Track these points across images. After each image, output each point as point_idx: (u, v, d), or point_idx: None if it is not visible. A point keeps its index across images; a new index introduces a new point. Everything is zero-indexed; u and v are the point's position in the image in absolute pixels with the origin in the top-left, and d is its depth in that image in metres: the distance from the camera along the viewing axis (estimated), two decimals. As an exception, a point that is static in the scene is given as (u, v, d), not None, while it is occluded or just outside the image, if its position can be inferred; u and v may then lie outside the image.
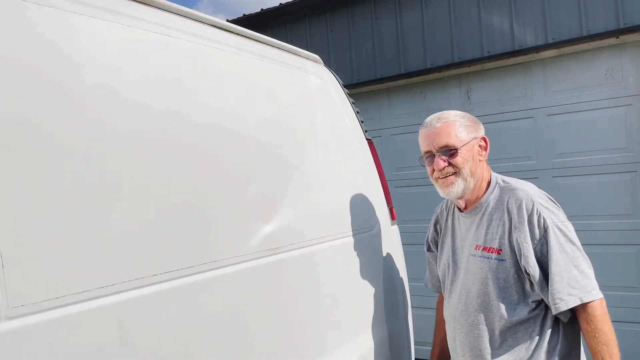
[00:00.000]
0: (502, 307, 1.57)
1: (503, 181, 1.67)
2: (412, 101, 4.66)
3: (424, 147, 1.67)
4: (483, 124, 1.72)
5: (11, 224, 0.90)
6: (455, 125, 1.63)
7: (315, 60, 2.03)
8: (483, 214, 1.65)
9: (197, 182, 1.30)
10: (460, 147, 1.60)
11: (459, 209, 1.75)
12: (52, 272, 0.95)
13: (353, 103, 2.18)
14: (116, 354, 1.03)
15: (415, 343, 2.25)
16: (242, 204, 1.43)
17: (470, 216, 1.69)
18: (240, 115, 1.51)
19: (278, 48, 1.80)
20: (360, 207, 1.96)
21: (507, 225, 1.57)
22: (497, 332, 1.60)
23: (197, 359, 1.21)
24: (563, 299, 1.47)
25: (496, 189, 1.66)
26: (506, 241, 1.57)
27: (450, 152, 1.60)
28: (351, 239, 1.88)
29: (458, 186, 1.61)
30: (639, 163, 3.73)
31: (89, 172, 1.05)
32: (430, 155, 1.65)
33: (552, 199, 1.63)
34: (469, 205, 1.70)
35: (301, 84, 1.89)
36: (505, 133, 4.14)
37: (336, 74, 2.18)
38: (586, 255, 1.54)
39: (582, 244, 1.55)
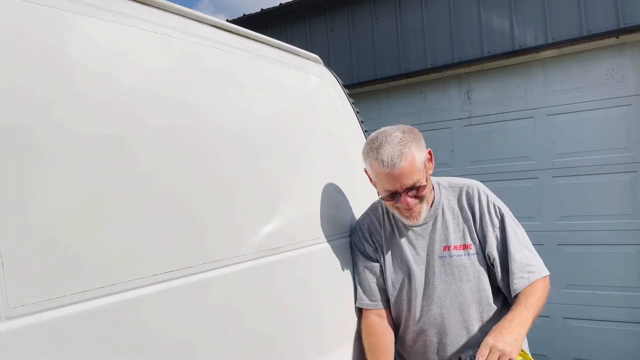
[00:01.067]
0: (488, 296, 1.67)
1: (444, 182, 1.75)
2: (412, 101, 4.66)
3: (387, 186, 1.58)
4: (483, 124, 1.74)
5: (11, 224, 0.90)
6: (415, 158, 1.54)
7: (315, 60, 2.03)
8: (442, 215, 1.70)
9: (197, 182, 1.30)
10: (425, 179, 1.58)
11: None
12: (52, 272, 0.95)
13: (353, 103, 2.18)
14: (116, 354, 1.03)
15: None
16: (242, 204, 1.43)
17: (425, 221, 1.69)
18: (239, 115, 1.51)
19: (278, 48, 1.80)
20: (360, 207, 1.96)
21: (470, 221, 1.68)
22: (485, 321, 1.67)
23: (197, 358, 1.21)
24: (524, 277, 1.60)
25: (442, 189, 1.73)
26: (475, 235, 1.67)
27: (417, 188, 1.57)
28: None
29: (424, 212, 1.64)
30: (639, 163, 3.73)
31: (88, 172, 1.05)
32: (394, 192, 1.58)
33: None
34: None
35: (301, 84, 1.89)
36: (505, 133, 4.13)
37: (336, 74, 2.17)
38: None
39: (582, 244, 1.60)
